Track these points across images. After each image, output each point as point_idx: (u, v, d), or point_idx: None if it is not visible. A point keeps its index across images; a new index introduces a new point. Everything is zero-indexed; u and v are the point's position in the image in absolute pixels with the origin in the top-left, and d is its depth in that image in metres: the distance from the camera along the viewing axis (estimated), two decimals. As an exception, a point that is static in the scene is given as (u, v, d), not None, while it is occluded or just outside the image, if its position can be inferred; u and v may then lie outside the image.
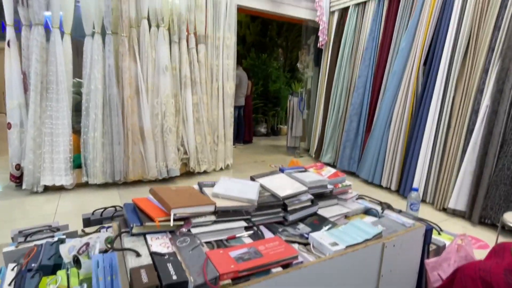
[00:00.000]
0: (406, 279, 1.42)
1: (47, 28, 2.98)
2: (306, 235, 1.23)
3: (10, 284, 0.95)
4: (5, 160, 3.34)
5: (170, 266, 0.93)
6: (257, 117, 7.62)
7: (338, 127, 4.45)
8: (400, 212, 1.54)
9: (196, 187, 1.44)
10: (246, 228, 1.23)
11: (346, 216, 1.51)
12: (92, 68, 3.13)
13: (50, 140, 3.05)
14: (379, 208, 1.57)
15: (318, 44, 4.77)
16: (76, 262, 0.99)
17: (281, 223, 1.35)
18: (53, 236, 1.23)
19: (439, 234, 1.59)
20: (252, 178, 1.56)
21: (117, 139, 3.25)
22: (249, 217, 1.26)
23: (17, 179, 3.11)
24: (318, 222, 1.36)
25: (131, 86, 3.29)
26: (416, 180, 3.25)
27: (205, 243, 1.12)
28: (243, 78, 5.87)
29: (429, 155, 3.17)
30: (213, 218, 1.18)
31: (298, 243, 1.19)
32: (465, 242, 1.43)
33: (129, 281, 0.88)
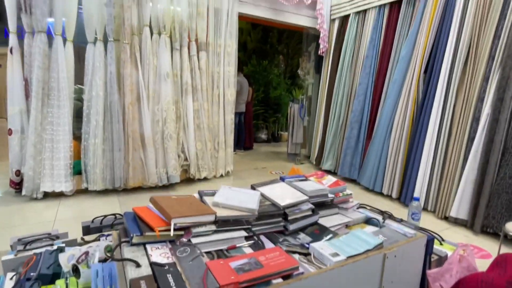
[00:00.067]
0: (408, 290, 1.40)
1: (50, 35, 3.00)
2: (307, 245, 1.22)
3: (9, 294, 0.95)
4: (5, 166, 3.34)
5: (170, 277, 0.93)
6: (258, 124, 7.63)
7: (339, 134, 4.45)
8: (401, 222, 1.53)
9: (197, 196, 1.44)
10: (247, 238, 1.22)
11: (347, 226, 1.50)
12: (94, 75, 3.15)
13: (51, 146, 3.05)
14: (380, 218, 1.56)
15: (319, 52, 4.81)
16: (75, 271, 0.99)
17: (282, 233, 1.35)
18: (52, 245, 1.23)
19: (441, 244, 1.58)
20: (253, 187, 1.56)
21: (118, 146, 3.25)
22: (250, 227, 1.25)
23: (17, 185, 3.11)
24: (319, 232, 1.35)
25: (132, 93, 3.31)
26: (417, 188, 3.24)
27: (205, 253, 1.11)
28: (244, 85, 5.90)
29: (430, 163, 3.16)
30: (214, 228, 1.18)
31: (299, 253, 1.18)
32: (467, 253, 1.42)
33: (129, 292, 0.88)
